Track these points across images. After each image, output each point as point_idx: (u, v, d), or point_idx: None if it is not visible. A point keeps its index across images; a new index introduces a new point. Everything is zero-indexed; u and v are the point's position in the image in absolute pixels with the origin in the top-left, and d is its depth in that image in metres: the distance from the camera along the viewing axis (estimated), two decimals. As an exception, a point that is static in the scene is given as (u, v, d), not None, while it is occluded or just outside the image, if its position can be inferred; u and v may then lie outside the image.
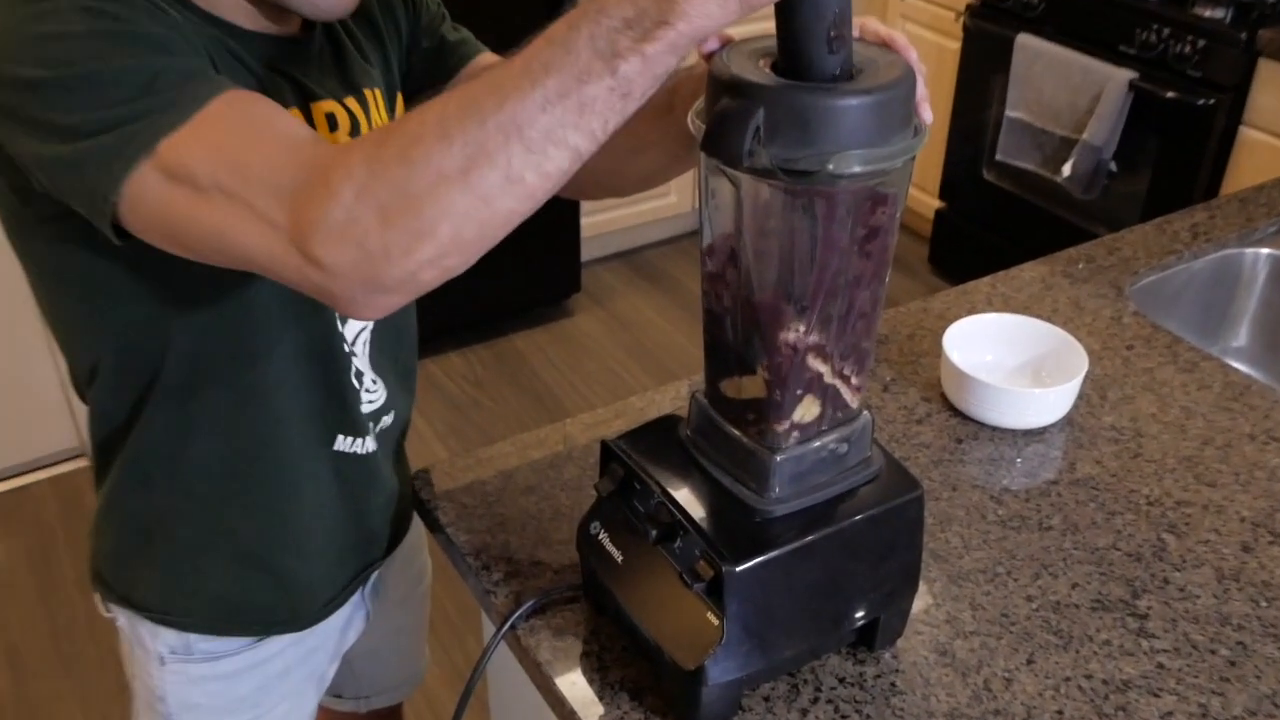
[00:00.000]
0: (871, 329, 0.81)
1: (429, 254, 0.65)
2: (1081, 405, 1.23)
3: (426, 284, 0.67)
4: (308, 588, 1.03)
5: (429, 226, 0.64)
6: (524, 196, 0.65)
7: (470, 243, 0.65)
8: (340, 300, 0.67)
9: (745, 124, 0.67)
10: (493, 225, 0.65)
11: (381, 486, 1.05)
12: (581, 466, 1.13)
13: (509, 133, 0.63)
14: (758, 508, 0.82)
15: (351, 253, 0.65)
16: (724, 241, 0.77)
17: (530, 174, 0.64)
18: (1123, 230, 1.60)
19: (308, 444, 0.95)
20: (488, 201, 0.64)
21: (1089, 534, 1.06)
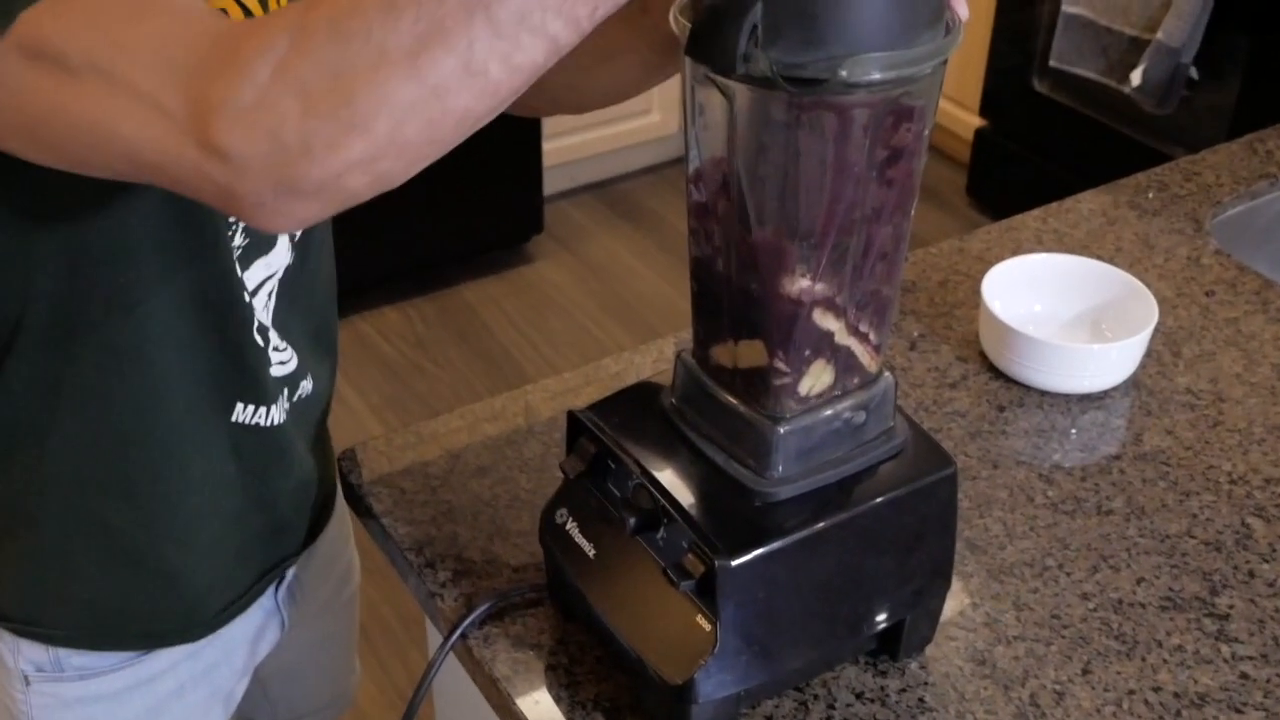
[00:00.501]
0: (894, 274, 0.81)
1: (359, 153, 0.64)
2: (1150, 364, 1.25)
3: (353, 192, 0.66)
4: (202, 590, 1.03)
5: (362, 118, 0.63)
6: (484, 93, 0.63)
7: (412, 145, 0.64)
8: (245, 203, 0.66)
9: (740, 22, 0.67)
10: (442, 126, 0.64)
11: (292, 467, 1.05)
12: (545, 443, 1.14)
13: (474, 10, 0.61)
14: (757, 490, 0.83)
15: (263, 143, 0.64)
16: (714, 168, 0.77)
17: (495, 65, 0.63)
18: (1203, 151, 1.61)
19: (198, 413, 0.95)
20: (439, 95, 0.63)
21: (1158, 519, 1.08)
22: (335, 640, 1.29)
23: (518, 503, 1.07)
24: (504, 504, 1.07)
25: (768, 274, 0.77)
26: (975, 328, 1.28)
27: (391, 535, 1.05)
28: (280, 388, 1.01)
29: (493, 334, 3.00)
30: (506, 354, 2.93)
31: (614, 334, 3.00)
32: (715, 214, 0.79)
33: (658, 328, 2.97)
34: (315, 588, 1.19)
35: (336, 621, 1.27)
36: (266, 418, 1.00)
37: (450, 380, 2.85)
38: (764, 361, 0.81)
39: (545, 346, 2.96)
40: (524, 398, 1.20)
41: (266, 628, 1.12)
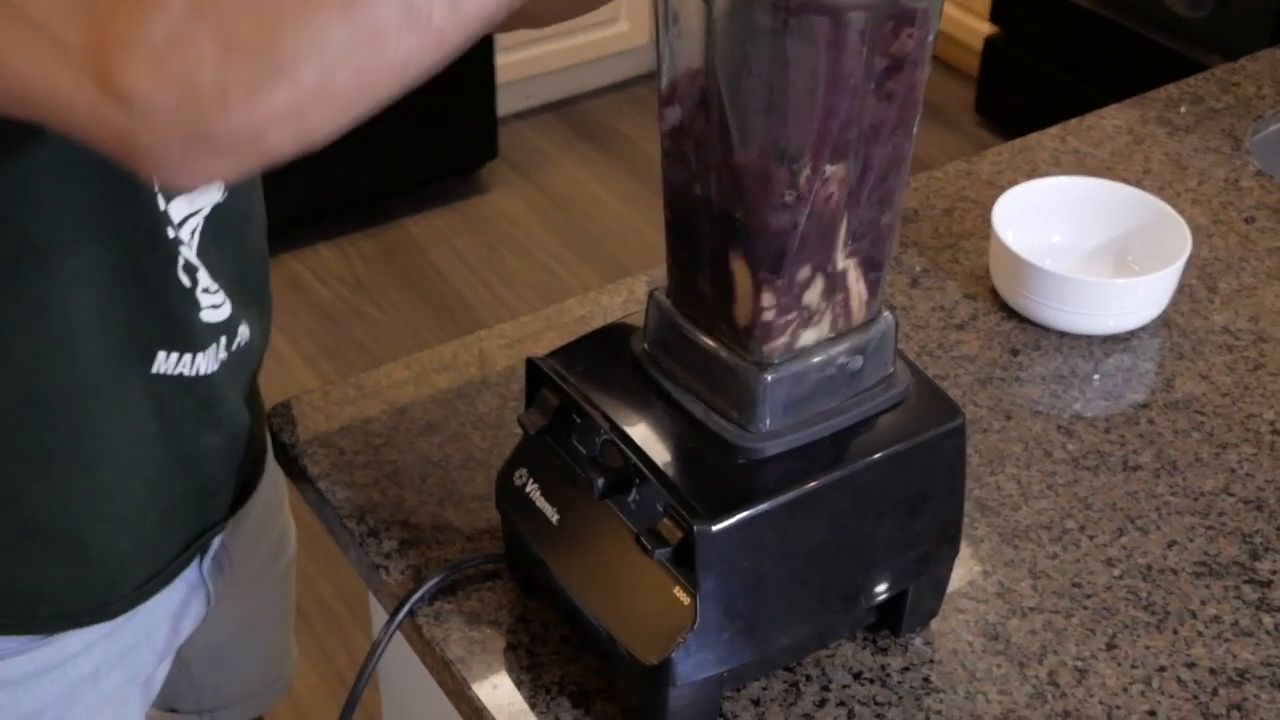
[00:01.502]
0: (894, 200, 0.81)
1: (283, 102, 0.64)
2: (1183, 300, 1.25)
3: (272, 148, 0.66)
4: (119, 563, 1.03)
5: (287, 62, 0.62)
6: (427, 41, 0.64)
7: (342, 95, 0.64)
8: (147, 156, 0.66)
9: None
10: (377, 76, 0.64)
11: (220, 421, 1.05)
12: (502, 395, 1.14)
13: None
14: (741, 445, 0.83)
15: (173, 88, 0.63)
16: (691, 82, 0.77)
17: (440, 9, 0.63)
18: (1242, 59, 1.61)
19: (115, 365, 0.95)
20: (376, 39, 0.63)
21: (1192, 474, 1.08)
22: (268, 618, 1.29)
23: (471, 463, 1.07)
24: (456, 465, 1.07)
25: (752, 201, 0.77)
26: (985, 261, 1.28)
27: (329, 501, 1.05)
28: (215, 335, 1.01)
29: (441, 274, 2.99)
30: (458, 296, 2.93)
31: (578, 272, 3.00)
32: (692, 135, 0.78)
33: (628, 265, 2.97)
34: (245, 558, 1.19)
35: (269, 596, 1.28)
36: (192, 366, 0.99)
37: (394, 326, 2.85)
38: (748, 301, 0.81)
39: (501, 287, 2.95)
40: (477, 345, 1.20)
41: (190, 603, 1.13)
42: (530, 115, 3.49)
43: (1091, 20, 3.04)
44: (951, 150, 3.30)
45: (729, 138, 0.76)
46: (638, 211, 3.16)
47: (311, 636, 2.22)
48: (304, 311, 2.85)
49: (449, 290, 2.94)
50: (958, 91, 3.52)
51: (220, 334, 1.01)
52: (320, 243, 3.03)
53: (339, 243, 3.05)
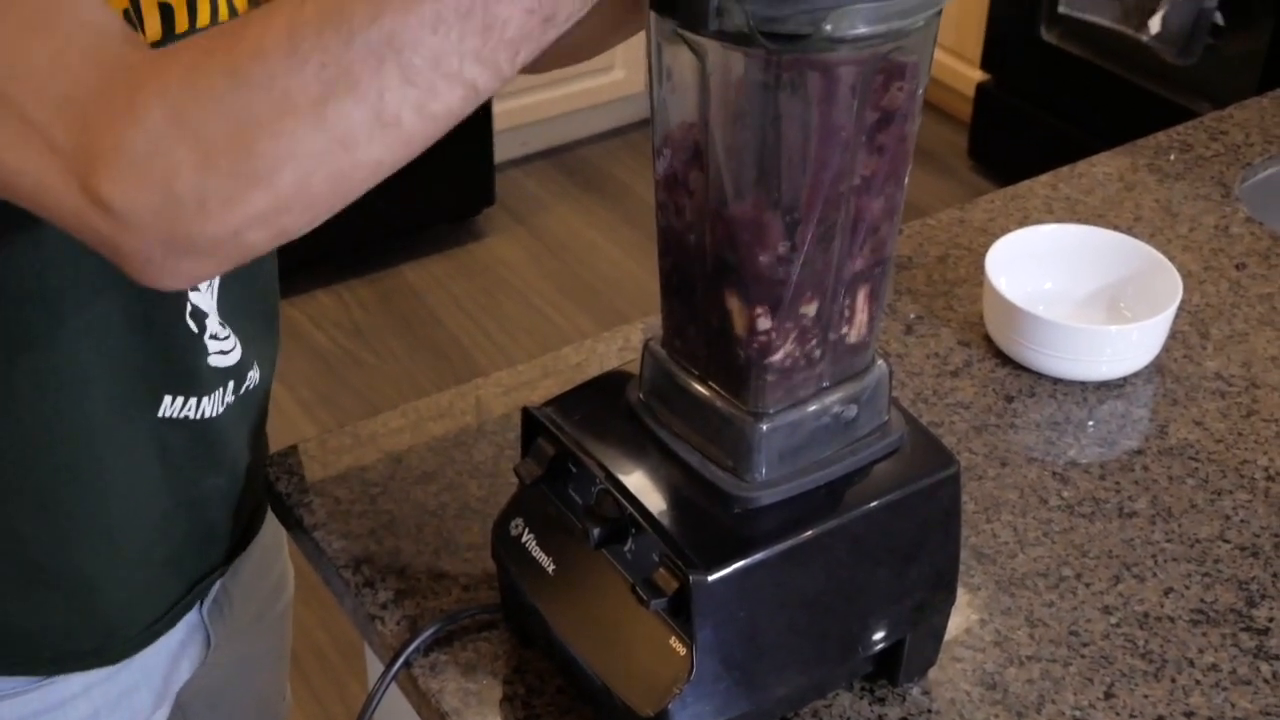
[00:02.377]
0: (887, 249, 0.82)
1: (260, 207, 0.65)
2: (1175, 347, 1.25)
3: (252, 248, 0.67)
4: (122, 605, 1.03)
5: (265, 171, 0.64)
6: (397, 143, 0.65)
7: (319, 198, 0.66)
8: (131, 260, 0.68)
9: (711, -30, 0.67)
10: (351, 178, 0.66)
11: (224, 464, 1.05)
12: (498, 444, 1.14)
13: (384, 57, 0.63)
14: (737, 495, 0.83)
15: (153, 196, 0.64)
16: (685, 135, 0.77)
17: (409, 114, 0.64)
18: (1231, 106, 1.62)
19: (120, 410, 0.95)
20: (347, 146, 0.64)
21: (1187, 521, 1.08)
22: (266, 660, 1.29)
23: (467, 512, 1.07)
24: (452, 514, 1.07)
25: (746, 252, 0.77)
26: (979, 308, 1.28)
27: (325, 551, 1.04)
28: (223, 379, 1.01)
29: (439, 320, 2.99)
30: (454, 343, 2.93)
31: (575, 319, 3.00)
32: (686, 186, 0.79)
33: (624, 312, 2.97)
34: (245, 601, 1.19)
35: (267, 639, 1.27)
36: (198, 410, 1.00)
37: (391, 373, 2.84)
38: (742, 350, 0.81)
39: (498, 334, 2.96)
40: (474, 393, 1.19)
41: (190, 646, 1.12)
42: (527, 162, 3.50)
43: (1081, 67, 3.06)
44: (945, 195, 3.31)
45: (723, 189, 0.76)
46: (634, 258, 3.17)
47: (307, 686, 2.21)
48: (301, 358, 2.85)
49: (446, 337, 2.94)
50: (951, 137, 3.54)
51: (229, 378, 1.02)
52: (318, 289, 3.04)
53: (336, 289, 3.05)
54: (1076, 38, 3.04)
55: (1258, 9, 2.69)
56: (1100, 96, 3.03)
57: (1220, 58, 2.77)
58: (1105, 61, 3.00)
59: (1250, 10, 2.70)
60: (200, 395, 1.00)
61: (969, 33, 3.35)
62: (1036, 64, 3.17)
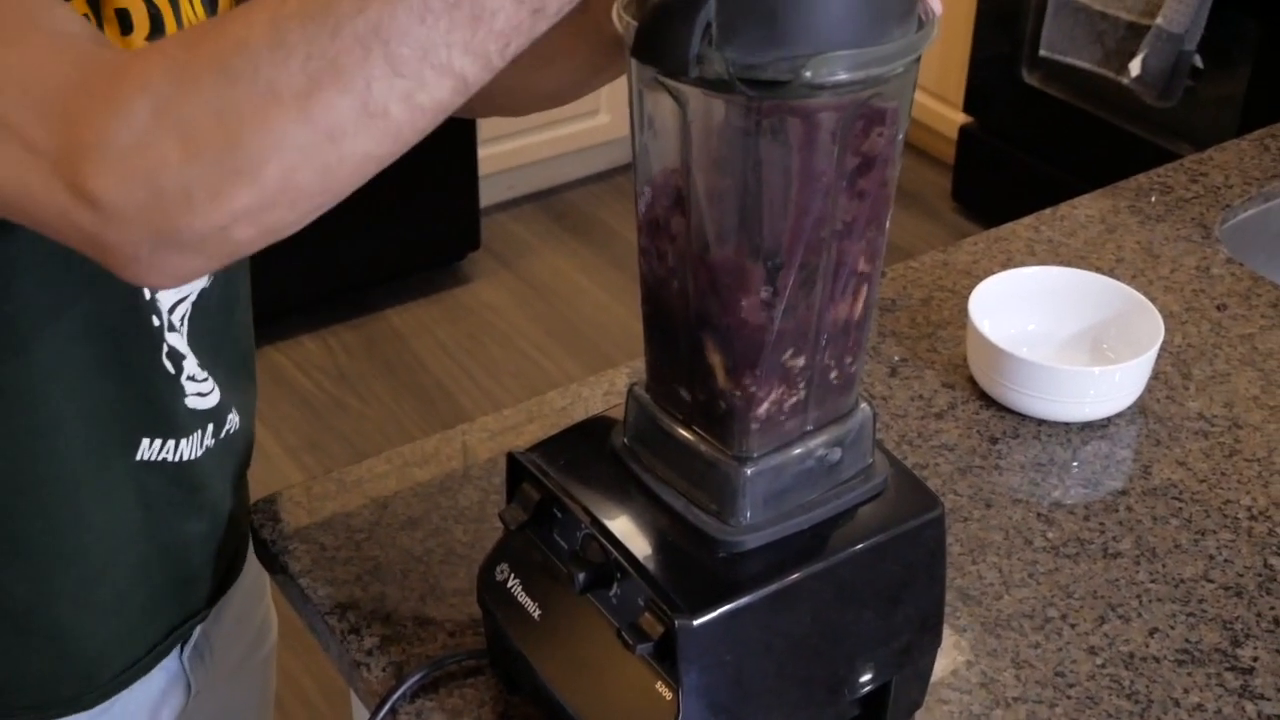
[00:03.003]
0: (870, 294, 0.82)
1: (246, 202, 0.65)
2: (1158, 388, 1.26)
3: (240, 245, 0.67)
4: (99, 652, 1.02)
5: (250, 164, 0.64)
6: (385, 136, 0.65)
7: (306, 192, 0.65)
8: (117, 256, 0.67)
9: (692, 18, 0.67)
10: (339, 172, 0.65)
11: (203, 508, 1.05)
12: (483, 489, 1.14)
13: (371, 47, 0.63)
14: (722, 539, 0.83)
15: (139, 190, 0.64)
16: (666, 180, 0.77)
17: (396, 106, 0.64)
18: (1211, 149, 1.63)
19: (98, 454, 0.95)
20: (334, 138, 0.64)
21: (1171, 561, 1.08)
22: (249, 708, 1.28)
23: (453, 558, 1.07)
24: (438, 559, 1.07)
25: (728, 297, 0.78)
26: (963, 350, 1.29)
27: (310, 597, 1.04)
28: (202, 422, 1.01)
29: (424, 365, 2.99)
30: (440, 387, 2.93)
31: (561, 363, 3.00)
32: (668, 231, 0.79)
33: (611, 355, 2.98)
34: (226, 647, 1.18)
35: (250, 686, 1.26)
36: (175, 452, 0.99)
37: (376, 418, 2.84)
38: (726, 395, 0.81)
39: (484, 378, 2.96)
40: (460, 438, 1.20)
41: (170, 693, 1.12)
42: (512, 206, 3.51)
43: (1063, 109, 3.07)
44: (929, 237, 3.33)
45: (704, 235, 0.77)
46: (620, 301, 3.17)
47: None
48: (286, 403, 2.85)
49: (431, 381, 2.94)
50: (934, 179, 3.55)
51: (208, 421, 1.01)
52: (303, 334, 3.03)
53: (321, 334, 3.05)
54: (1058, 80, 3.06)
55: (1236, 52, 2.71)
56: (1082, 138, 3.05)
57: (1200, 100, 2.79)
58: (1086, 104, 3.02)
59: (1229, 53, 2.72)
60: (179, 437, 0.99)
61: (951, 75, 3.37)
62: (1019, 106, 3.19)
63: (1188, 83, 2.77)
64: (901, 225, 3.35)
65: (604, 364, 2.82)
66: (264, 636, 1.26)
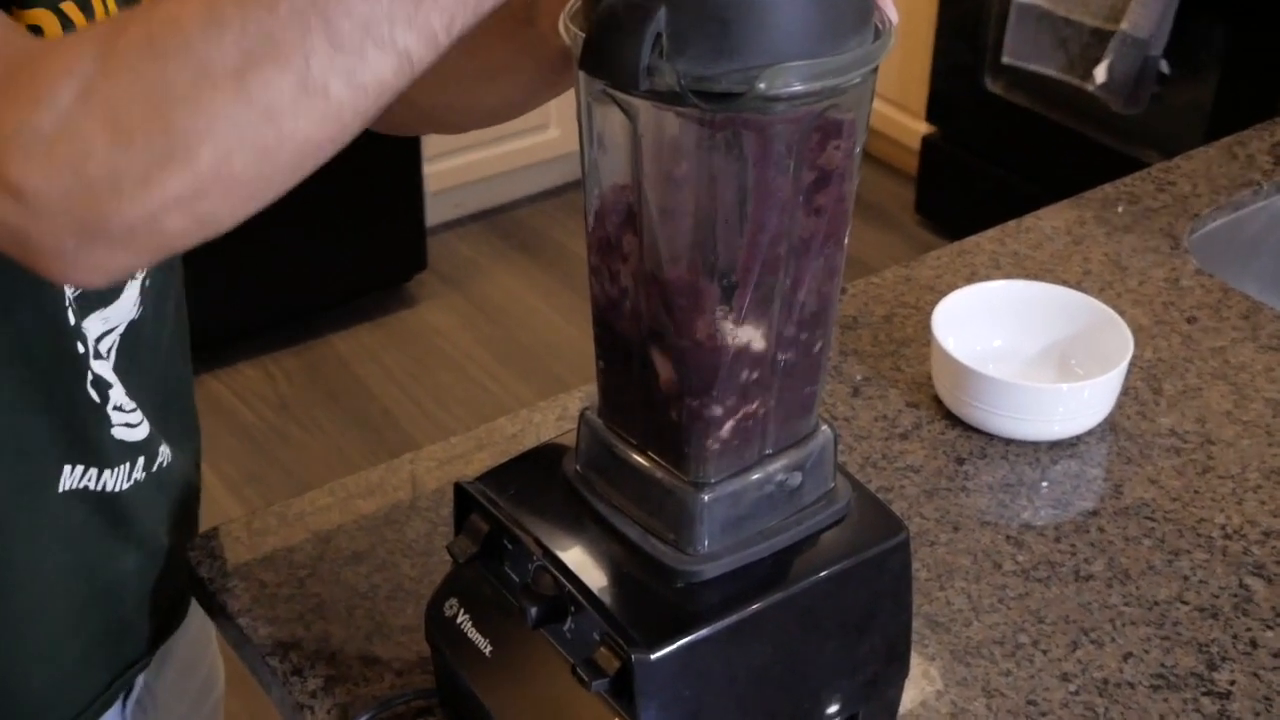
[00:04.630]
0: (829, 311, 0.82)
1: (178, 188, 0.64)
2: (1128, 404, 1.27)
3: (171, 238, 0.66)
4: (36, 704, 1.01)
5: (183, 147, 0.63)
6: (325, 116, 0.64)
7: (241, 179, 0.64)
8: (43, 251, 0.66)
9: (642, 29, 0.68)
10: (278, 157, 0.64)
11: (135, 543, 1.04)
12: (431, 521, 1.13)
13: (309, 21, 0.62)
14: (679, 568, 0.83)
15: (64, 178, 0.63)
16: (617, 197, 0.78)
17: (337, 84, 0.63)
18: (1178, 157, 1.64)
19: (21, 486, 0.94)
20: (272, 118, 0.63)
21: (1145, 583, 1.09)
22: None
23: (400, 593, 1.06)
24: (384, 595, 1.06)
25: (682, 317, 0.78)
26: (927, 368, 1.29)
27: (251, 638, 1.03)
28: (130, 454, 1.00)
29: (369, 392, 2.98)
30: (386, 415, 2.92)
31: (512, 388, 2.99)
32: (620, 250, 0.79)
33: (564, 378, 2.98)
34: (171, 699, 1.17)
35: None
36: (98, 482, 0.98)
37: (320, 449, 2.83)
38: (681, 419, 0.81)
39: (431, 405, 2.95)
40: (406, 468, 1.19)
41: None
42: (460, 225, 3.51)
43: (1027, 118, 3.10)
44: (893, 251, 3.34)
45: (657, 253, 0.77)
46: (574, 322, 3.17)
47: (238, 777, 2.18)
48: (226, 434, 2.83)
49: (377, 409, 2.93)
50: (897, 191, 3.57)
51: (137, 454, 1.00)
52: (242, 361, 3.02)
53: (262, 361, 3.03)
54: (1021, 88, 3.09)
55: (1203, 58, 2.74)
56: (1047, 147, 3.07)
57: (1167, 107, 2.81)
58: (1051, 112, 3.04)
59: (1196, 59, 2.75)
60: (103, 467, 0.98)
61: (913, 85, 3.39)
62: (982, 115, 3.21)
63: (1154, 89, 2.80)
64: (863, 239, 3.37)
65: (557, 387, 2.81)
66: (211, 686, 1.25)
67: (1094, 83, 2.84)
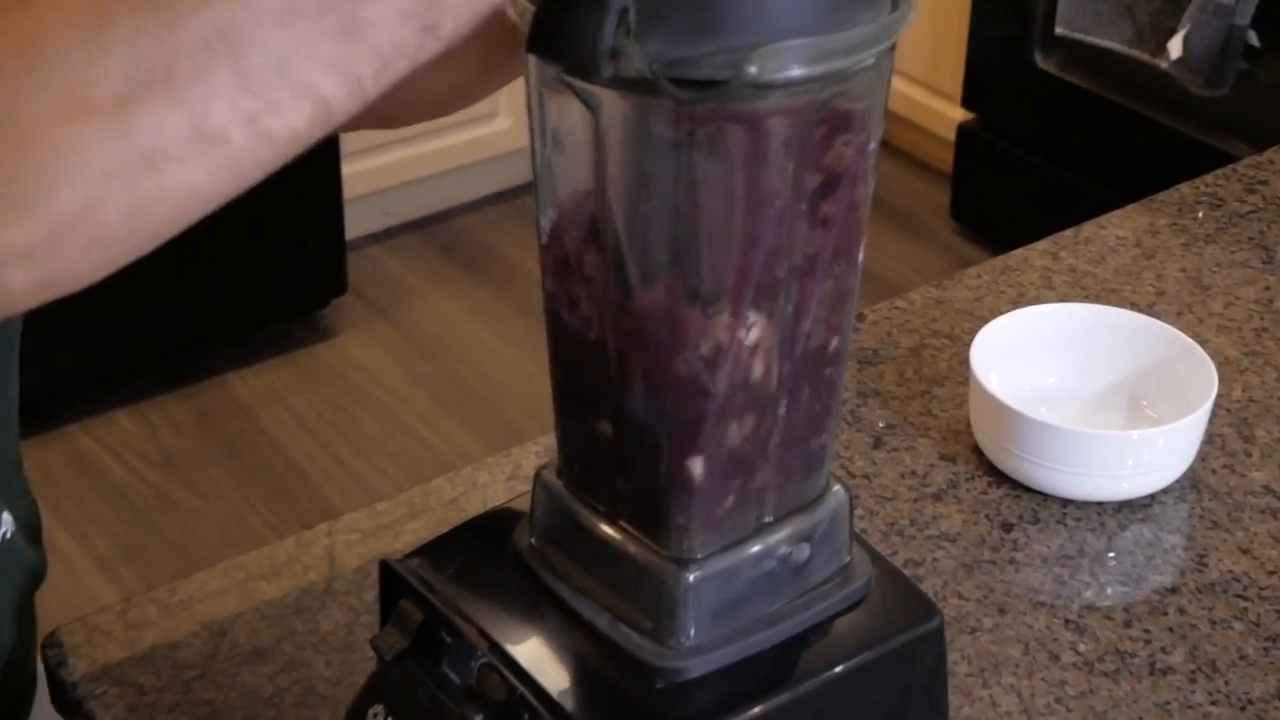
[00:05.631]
0: (840, 344, 0.82)
1: (26, 237, 0.63)
2: (1212, 454, 1.27)
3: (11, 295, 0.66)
4: None
5: (39, 187, 0.62)
6: (220, 167, 0.64)
7: (106, 234, 0.64)
8: None
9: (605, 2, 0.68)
10: (154, 211, 0.64)
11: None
12: (352, 607, 1.13)
13: (216, 51, 0.62)
14: (659, 665, 0.83)
15: None
16: (577, 206, 0.78)
17: (239, 130, 0.63)
18: (1270, 150, 1.65)
19: None
20: (154, 163, 0.63)
21: (1236, 677, 1.09)
22: None
23: (313, 698, 1.06)
24: (292, 702, 1.06)
25: (659, 354, 0.78)
26: (965, 412, 1.29)
27: (128, 756, 1.03)
28: None
29: (276, 445, 2.97)
30: (297, 473, 2.91)
31: (454, 439, 2.99)
32: (581, 271, 0.79)
33: (519, 425, 2.97)
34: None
35: None
36: None
37: (214, 516, 2.82)
38: (660, 479, 0.81)
39: (354, 460, 2.94)
40: (322, 541, 1.19)
41: None
42: (389, 237, 3.51)
43: (1086, 101, 3.11)
44: (923, 267, 3.35)
45: (626, 275, 0.77)
46: (529, 356, 3.17)
47: None
48: (96, 499, 2.82)
49: (286, 465, 2.92)
50: (928, 193, 3.58)
51: None
52: (117, 409, 3.01)
53: (142, 408, 3.02)
54: (1079, 65, 3.10)
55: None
56: (1110, 138, 3.08)
57: (1257, 87, 2.82)
58: (1115, 94, 3.05)
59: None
60: None
61: (946, 63, 3.40)
62: (1030, 99, 3.22)
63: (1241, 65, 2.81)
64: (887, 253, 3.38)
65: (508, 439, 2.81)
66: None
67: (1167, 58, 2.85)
